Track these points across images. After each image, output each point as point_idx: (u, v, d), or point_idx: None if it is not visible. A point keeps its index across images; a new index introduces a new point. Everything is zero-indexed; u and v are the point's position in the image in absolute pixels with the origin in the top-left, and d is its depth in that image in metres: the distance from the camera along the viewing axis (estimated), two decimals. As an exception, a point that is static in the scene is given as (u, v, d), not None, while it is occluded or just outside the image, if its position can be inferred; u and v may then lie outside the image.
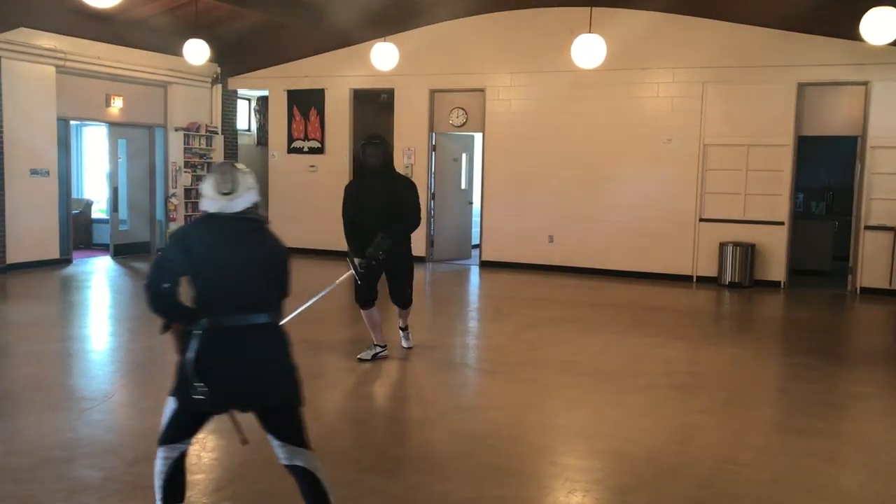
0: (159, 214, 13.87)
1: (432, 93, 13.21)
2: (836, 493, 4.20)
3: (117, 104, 12.81)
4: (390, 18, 12.20)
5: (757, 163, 11.35)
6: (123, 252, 13.26)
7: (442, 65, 12.90)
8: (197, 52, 10.76)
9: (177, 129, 13.74)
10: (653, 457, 4.61)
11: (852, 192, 11.30)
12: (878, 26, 7.61)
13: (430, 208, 13.44)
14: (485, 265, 12.96)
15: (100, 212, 14.39)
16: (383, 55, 10.85)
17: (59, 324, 8.32)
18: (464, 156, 13.99)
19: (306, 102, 14.04)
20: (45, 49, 11.34)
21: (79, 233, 13.60)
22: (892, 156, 10.70)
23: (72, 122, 12.81)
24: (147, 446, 4.60)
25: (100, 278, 11.40)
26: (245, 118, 15.76)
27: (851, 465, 4.66)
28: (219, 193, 3.27)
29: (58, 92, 11.63)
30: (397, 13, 12.18)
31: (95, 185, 14.77)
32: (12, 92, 10.89)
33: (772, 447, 4.87)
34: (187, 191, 13.92)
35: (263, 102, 15.39)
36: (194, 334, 3.16)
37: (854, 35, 8.35)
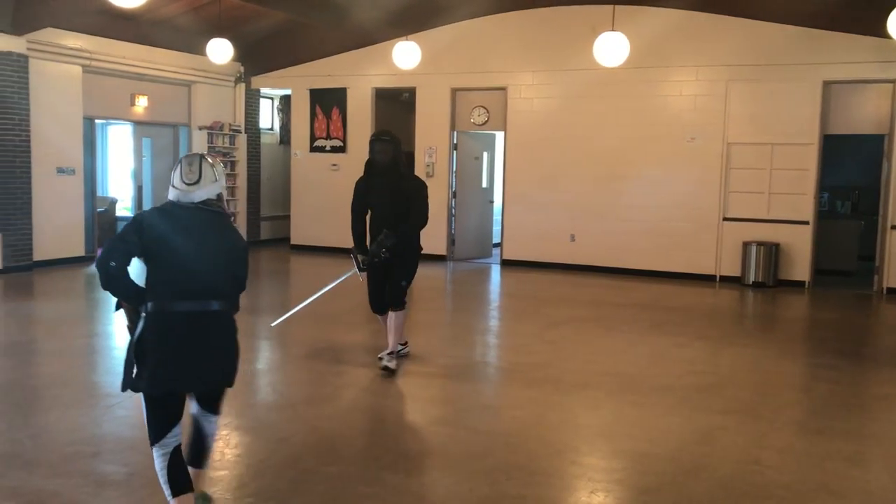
0: (183, 212, 13.97)
1: (454, 91, 13.21)
2: (860, 496, 4.16)
3: (142, 103, 12.94)
4: (412, 17, 12.22)
5: (781, 162, 11.24)
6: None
7: (464, 63, 12.90)
8: (220, 51, 10.84)
9: (200, 128, 13.85)
10: (674, 457, 4.59)
11: (879, 190, 11.16)
12: (905, 23, 7.50)
13: (451, 207, 13.45)
14: (506, 264, 12.95)
15: (124, 210, 14.54)
16: (405, 54, 10.87)
17: (84, 320, 8.42)
18: (485, 154, 13.98)
19: (329, 101, 14.10)
20: (72, 49, 11.47)
21: (104, 230, 13.72)
22: (919, 154, 10.56)
23: (97, 121, 12.95)
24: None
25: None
26: (268, 117, 15.85)
27: (876, 467, 4.62)
28: (183, 183, 3.40)
29: (84, 91, 11.77)
30: (419, 12, 12.19)
31: (120, 184, 14.93)
32: (39, 91, 11.03)
33: (795, 449, 4.84)
34: (211, 189, 14.02)
35: (286, 101, 15.47)
36: (142, 316, 3.28)
37: (881, 32, 8.24)
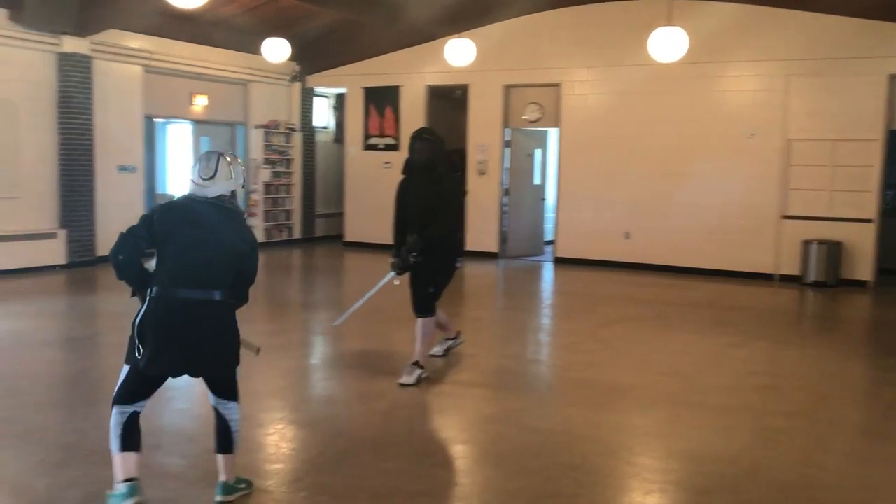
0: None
1: (507, 88, 13.17)
2: (927, 503, 4.03)
3: (200, 102, 13.20)
4: (466, 14, 12.21)
5: (844, 158, 10.93)
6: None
7: (517, 60, 12.85)
8: (276, 50, 10.98)
9: (257, 127, 14.07)
10: (732, 459, 4.50)
11: (947, 188, 10.78)
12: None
13: (503, 204, 13.42)
14: (558, 262, 12.87)
15: (183, 207, 14.83)
16: (458, 51, 10.86)
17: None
18: (538, 151, 13.90)
19: (382, 99, 14.19)
20: (133, 49, 11.76)
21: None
22: None
23: (157, 120, 13.25)
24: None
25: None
26: (323, 115, 16.01)
27: (945, 473, 4.46)
28: (200, 178, 3.61)
29: (144, 91, 12.06)
30: (473, 9, 12.18)
31: (178, 181, 15.23)
32: (103, 91, 11.34)
33: (857, 453, 4.71)
34: (267, 186, 14.24)
35: (341, 100, 15.61)
36: (146, 300, 3.51)
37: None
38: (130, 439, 3.59)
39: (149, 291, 3.52)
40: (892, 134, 10.83)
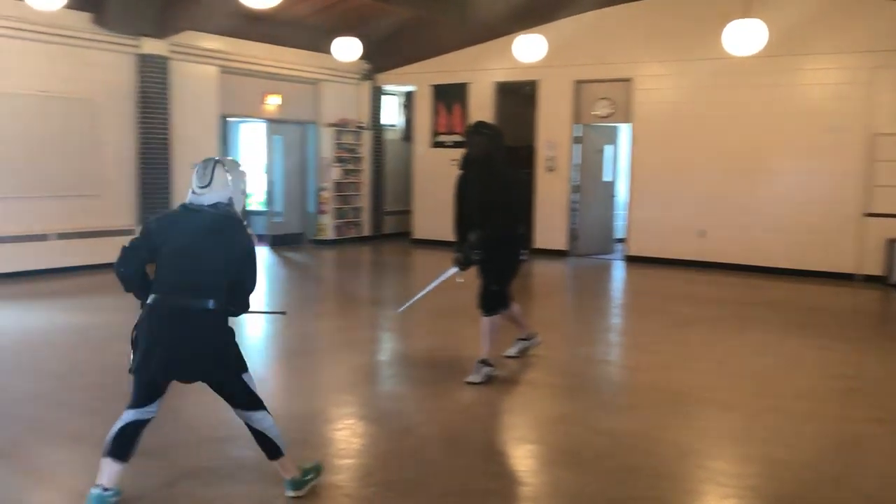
0: (311, 207, 14.46)
1: (577, 83, 13.02)
2: None
3: (273, 102, 13.45)
4: (535, 10, 12.11)
5: (933, 153, 10.45)
6: (278, 243, 13.91)
7: (587, 55, 12.69)
8: (347, 49, 11.09)
9: (328, 125, 14.25)
10: (813, 465, 4.34)
11: None
12: None
13: (573, 201, 13.28)
14: (630, 260, 12.66)
15: (258, 204, 15.14)
16: (528, 47, 10.77)
17: (219, 310, 8.80)
18: (609, 147, 13.70)
19: (451, 96, 14.20)
20: (209, 50, 12.05)
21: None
22: None
23: (231, 119, 13.54)
24: (300, 429, 4.80)
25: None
26: (392, 113, 16.12)
27: None
28: (197, 186, 3.59)
29: (219, 90, 12.34)
30: (542, 5, 12.08)
31: (252, 179, 15.55)
32: (179, 91, 11.65)
33: (950, 462, 4.48)
34: (337, 184, 14.41)
35: (409, 97, 15.69)
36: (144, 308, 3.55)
37: None
38: (118, 447, 3.56)
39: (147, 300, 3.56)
40: None
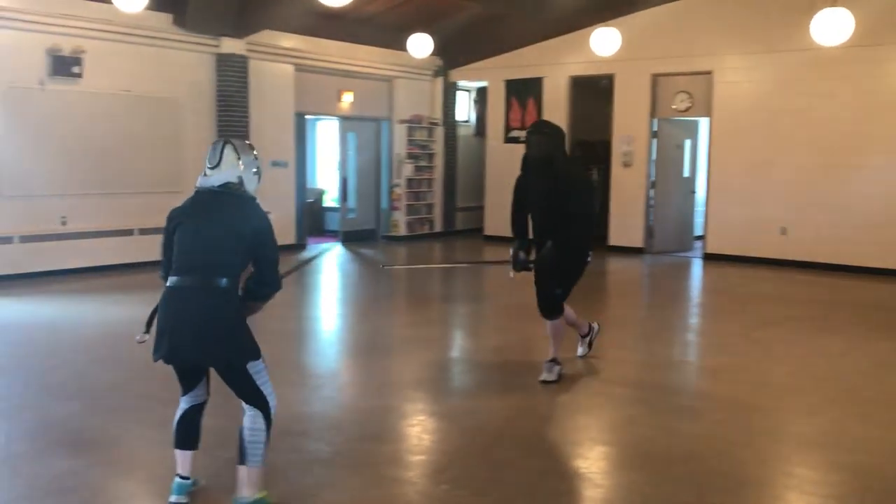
0: (384, 203, 14.56)
1: (654, 77, 12.74)
2: None
3: (347, 99, 13.59)
4: (612, 3, 11.91)
5: None
6: (351, 239, 14.06)
7: (665, 48, 12.40)
8: (420, 45, 11.11)
9: (401, 122, 14.32)
10: (905, 476, 4.13)
11: None
12: None
13: (650, 197, 13.01)
14: (708, 258, 12.33)
15: (331, 201, 15.35)
16: (604, 40, 10.59)
17: (296, 304, 8.93)
18: (687, 142, 13.37)
19: (524, 91, 14.09)
20: (285, 49, 12.25)
21: (312, 220, 14.60)
22: None
23: (307, 117, 13.74)
24: (372, 424, 4.83)
25: (330, 263, 12.16)
26: (464, 109, 16.11)
27: None
28: (206, 167, 3.51)
29: (295, 88, 12.54)
30: (619, -3, 11.87)
31: (326, 176, 15.76)
32: (258, 89, 11.88)
33: None
34: (410, 181, 14.47)
35: (482, 93, 15.64)
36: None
37: None
38: (182, 436, 3.62)
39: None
40: None
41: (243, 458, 3.47)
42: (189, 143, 11.11)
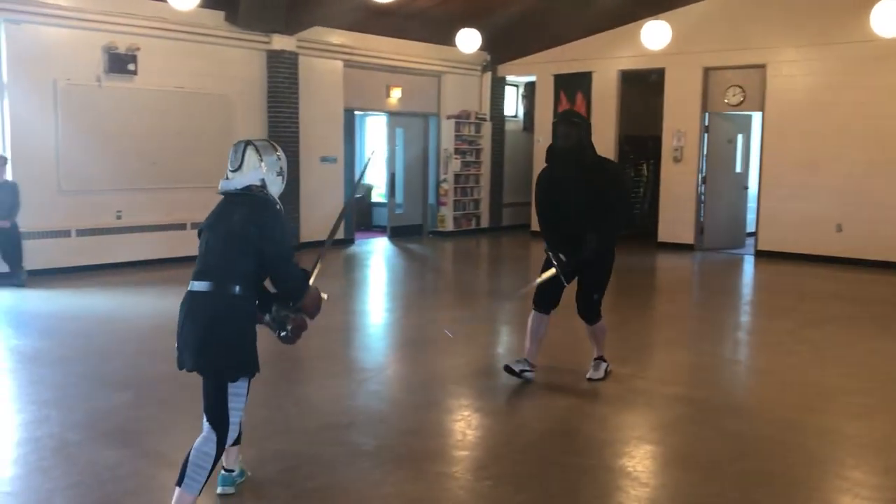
0: (431, 199, 14.59)
1: (706, 71, 12.52)
2: None
3: (396, 94, 13.63)
4: (663, -5, 11.75)
5: None
6: (399, 234, 14.12)
7: (717, 41, 12.17)
8: (469, 40, 11.10)
9: (448, 117, 14.32)
10: (965, 481, 3.99)
11: None
12: None
13: (701, 193, 12.81)
14: (761, 255, 12.09)
15: (379, 196, 15.43)
16: (654, 34, 10.46)
17: (344, 299, 9.01)
18: (739, 137, 13.11)
19: (573, 86, 13.97)
20: (335, 45, 12.34)
21: (360, 215, 14.70)
22: None
23: (356, 113, 13.83)
24: (416, 418, 4.85)
25: (378, 258, 12.23)
26: (512, 104, 16.04)
27: None
28: (228, 170, 3.39)
29: (344, 84, 12.63)
30: (670, -11, 11.69)
31: (374, 171, 15.84)
32: (307, 86, 12.00)
33: None
34: (457, 176, 14.47)
35: (530, 88, 15.55)
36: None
37: None
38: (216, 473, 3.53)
39: None
40: None
41: (181, 478, 3.20)
42: (240, 139, 11.27)
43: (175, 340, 3.35)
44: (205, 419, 3.29)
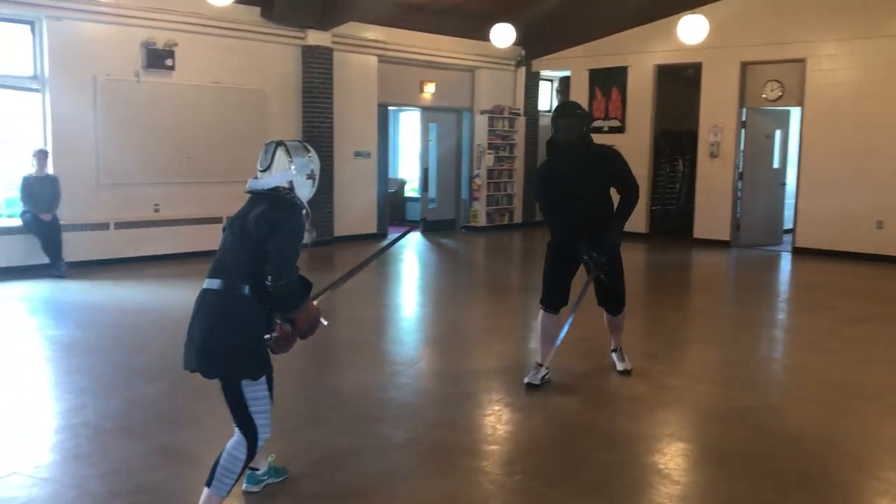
0: (464, 194, 14.58)
1: (744, 65, 12.34)
2: None
3: (429, 90, 13.64)
4: (699, -11, 11.60)
5: None
6: (432, 228, 14.13)
7: (755, 35, 11.99)
8: (503, 35, 11.05)
9: (482, 112, 14.29)
10: None
11: None
12: None
13: (738, 188, 12.63)
14: (798, 252, 11.89)
15: (412, 191, 15.46)
16: (691, 28, 10.30)
17: (376, 292, 9.05)
18: (777, 132, 12.91)
19: (608, 81, 13.86)
20: (369, 40, 12.38)
21: (393, 210, 14.74)
22: None
23: (389, 108, 13.86)
24: (447, 412, 4.85)
25: (410, 252, 12.25)
26: (546, 99, 15.95)
27: None
28: (258, 170, 3.32)
29: (379, 79, 12.66)
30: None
31: (408, 166, 15.89)
32: (342, 81, 12.05)
33: None
34: (490, 171, 14.43)
35: (565, 83, 15.46)
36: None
37: None
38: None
39: None
40: None
41: (211, 479, 3.19)
42: (275, 134, 11.31)
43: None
44: (234, 423, 3.27)
